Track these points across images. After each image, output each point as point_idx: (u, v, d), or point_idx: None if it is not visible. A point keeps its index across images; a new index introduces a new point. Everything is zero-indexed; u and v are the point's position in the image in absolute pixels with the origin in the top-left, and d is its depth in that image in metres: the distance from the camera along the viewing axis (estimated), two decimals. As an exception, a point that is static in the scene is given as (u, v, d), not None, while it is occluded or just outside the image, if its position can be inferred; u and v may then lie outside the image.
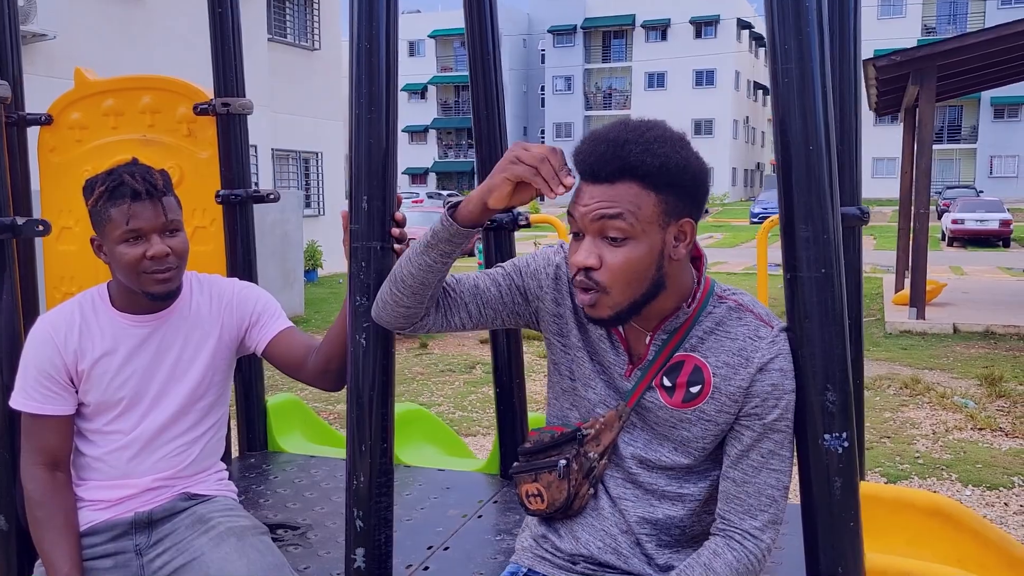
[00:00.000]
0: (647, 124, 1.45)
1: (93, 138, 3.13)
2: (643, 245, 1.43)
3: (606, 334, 1.59)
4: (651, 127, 1.45)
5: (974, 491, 4.82)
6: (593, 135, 1.47)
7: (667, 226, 1.44)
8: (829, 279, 1.50)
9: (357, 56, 1.76)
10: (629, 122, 1.47)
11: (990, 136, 49.08)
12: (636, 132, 1.43)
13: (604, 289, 1.45)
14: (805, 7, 1.48)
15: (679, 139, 1.45)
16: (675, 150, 1.43)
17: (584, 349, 1.60)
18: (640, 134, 1.43)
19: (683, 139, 1.46)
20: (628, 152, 1.41)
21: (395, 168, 1.80)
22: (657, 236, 1.44)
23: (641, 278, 1.45)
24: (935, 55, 9.43)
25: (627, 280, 1.44)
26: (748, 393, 1.49)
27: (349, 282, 1.78)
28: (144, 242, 1.87)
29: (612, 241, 1.43)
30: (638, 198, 1.41)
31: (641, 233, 1.42)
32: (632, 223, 1.41)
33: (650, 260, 1.44)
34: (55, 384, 1.93)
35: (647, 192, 1.41)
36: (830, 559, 1.53)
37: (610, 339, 1.59)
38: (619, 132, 1.44)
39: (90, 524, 1.95)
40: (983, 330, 9.79)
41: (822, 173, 1.49)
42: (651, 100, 56.74)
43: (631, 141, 1.42)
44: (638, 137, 1.42)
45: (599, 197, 1.42)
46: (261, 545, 1.92)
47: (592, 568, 1.62)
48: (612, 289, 1.45)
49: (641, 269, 1.44)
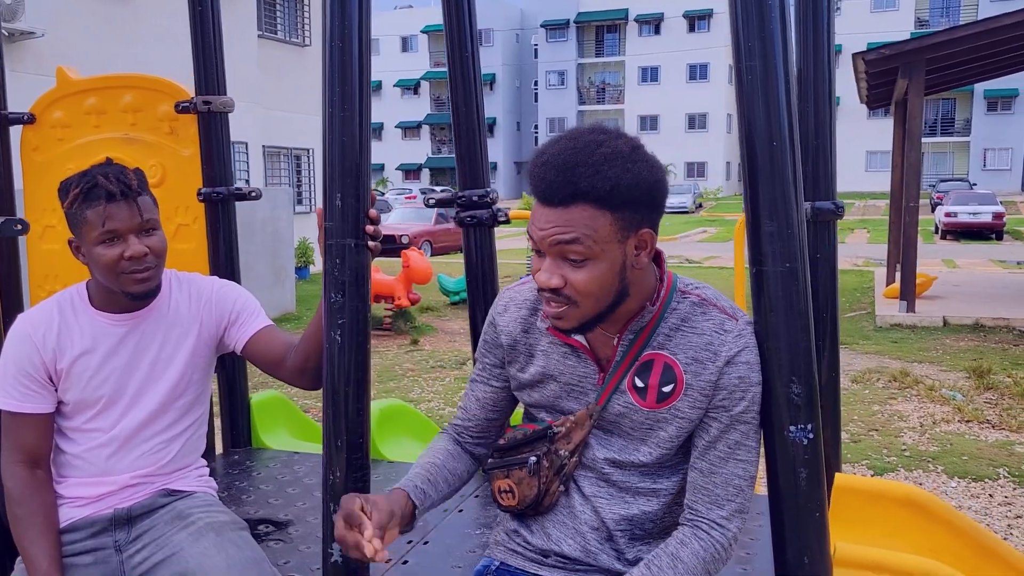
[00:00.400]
0: (596, 140, 1.42)
1: (76, 137, 3.14)
2: (604, 263, 1.44)
3: (570, 352, 1.60)
4: (600, 143, 1.42)
5: (959, 483, 4.86)
6: (543, 157, 1.44)
7: (626, 240, 1.44)
8: (794, 273, 1.52)
9: (330, 55, 1.77)
10: (578, 139, 1.43)
11: (983, 129, 49.21)
12: (584, 153, 1.40)
13: (573, 302, 1.47)
14: (768, 5, 1.50)
15: (628, 153, 1.42)
16: (625, 168, 1.40)
17: (548, 378, 1.63)
18: (588, 155, 1.40)
19: (635, 151, 1.42)
20: (578, 177, 1.39)
21: (368, 166, 1.81)
22: (617, 251, 1.44)
23: (607, 291, 1.47)
24: (923, 48, 9.45)
25: (594, 295, 1.46)
26: (716, 386, 1.51)
27: (324, 279, 1.79)
28: (121, 243, 1.87)
29: (573, 262, 1.43)
30: (593, 220, 1.40)
31: (600, 252, 1.42)
32: (590, 245, 1.41)
33: (613, 274, 1.45)
34: (34, 383, 1.94)
35: (602, 213, 1.40)
36: (796, 549, 1.55)
37: (574, 357, 1.60)
38: (568, 155, 1.41)
39: (70, 521, 1.96)
40: (973, 323, 9.84)
41: (786, 168, 1.51)
42: (644, 94, 56.79)
43: (580, 164, 1.39)
44: (587, 159, 1.40)
45: (554, 222, 1.42)
46: (240, 540, 1.93)
47: (562, 563, 1.63)
48: (582, 304, 1.47)
49: (606, 284, 1.46)
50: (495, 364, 1.72)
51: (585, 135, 1.44)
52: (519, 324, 1.66)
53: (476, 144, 2.62)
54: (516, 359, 1.67)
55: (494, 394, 1.73)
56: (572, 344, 1.59)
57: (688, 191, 43.28)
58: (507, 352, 1.67)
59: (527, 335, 1.65)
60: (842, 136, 48.51)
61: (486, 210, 2.61)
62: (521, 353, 1.66)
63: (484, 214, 2.61)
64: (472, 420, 1.75)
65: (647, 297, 1.54)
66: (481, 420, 1.75)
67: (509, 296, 1.71)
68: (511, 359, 1.67)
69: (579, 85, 59.50)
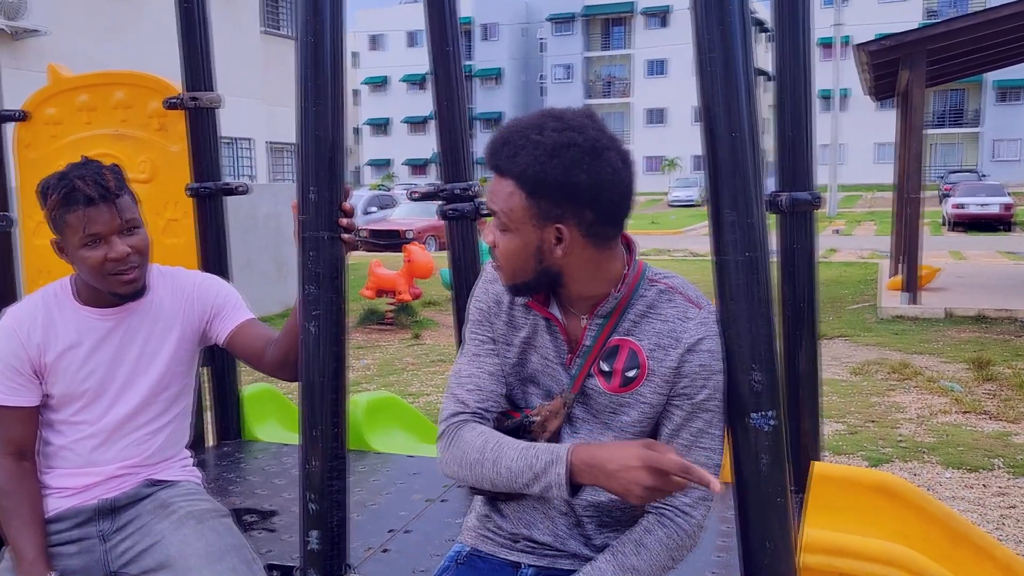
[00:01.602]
0: (539, 126, 1.47)
1: (68, 133, 3.18)
2: (518, 239, 1.51)
3: (547, 327, 1.63)
4: (540, 129, 1.46)
5: (954, 473, 4.86)
6: (500, 127, 1.55)
7: (542, 227, 1.49)
8: (754, 262, 1.54)
9: (303, 50, 1.80)
10: (529, 120, 1.50)
11: (993, 120, 48.91)
12: (518, 134, 1.48)
13: (500, 265, 1.57)
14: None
15: (553, 148, 1.44)
16: (539, 160, 1.44)
17: (529, 348, 1.65)
18: (519, 136, 1.47)
19: (563, 147, 1.44)
20: (501, 154, 1.49)
21: (342, 159, 1.84)
22: (532, 234, 1.50)
23: (523, 267, 1.53)
24: (924, 39, 9.42)
25: (511, 265, 1.55)
26: (678, 373, 1.53)
27: (299, 271, 1.82)
28: (104, 245, 1.90)
29: (500, 226, 1.53)
30: (511, 197, 1.49)
31: (515, 229, 1.51)
32: (505, 221, 1.51)
33: (527, 253, 1.52)
34: (20, 376, 1.97)
35: (520, 192, 1.48)
36: (759, 534, 1.58)
37: (550, 331, 1.63)
38: (506, 132, 1.50)
39: (56, 511, 2.00)
40: (976, 314, 9.81)
41: (745, 159, 1.53)
42: (652, 87, 56.65)
43: (510, 143, 1.48)
44: (515, 139, 1.47)
45: (489, 188, 1.54)
46: (220, 527, 1.96)
47: (531, 546, 1.66)
48: (503, 268, 1.57)
49: (520, 259, 1.53)
50: (495, 333, 1.68)
51: (536, 119, 1.50)
52: (507, 294, 1.67)
53: (459, 137, 2.65)
54: (502, 328, 1.67)
55: (504, 365, 1.67)
56: (549, 318, 1.62)
57: (695, 184, 43.20)
58: (495, 320, 1.67)
59: (513, 306, 1.67)
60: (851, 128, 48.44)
61: (469, 203, 2.64)
62: (506, 324, 1.67)
63: (467, 207, 2.64)
64: (490, 399, 1.64)
65: (613, 283, 1.57)
66: (497, 395, 1.65)
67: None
68: (498, 328, 1.67)
69: (586, 79, 59.40)
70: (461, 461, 1.56)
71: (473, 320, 1.71)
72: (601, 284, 1.56)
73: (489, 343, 1.69)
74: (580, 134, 1.45)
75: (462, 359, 1.69)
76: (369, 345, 9.09)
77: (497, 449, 1.52)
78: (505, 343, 1.67)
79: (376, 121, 64.78)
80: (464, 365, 1.67)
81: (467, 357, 1.68)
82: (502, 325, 1.67)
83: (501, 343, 1.67)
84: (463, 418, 1.61)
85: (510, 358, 1.68)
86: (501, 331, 1.67)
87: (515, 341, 1.66)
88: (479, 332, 1.69)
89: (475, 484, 1.58)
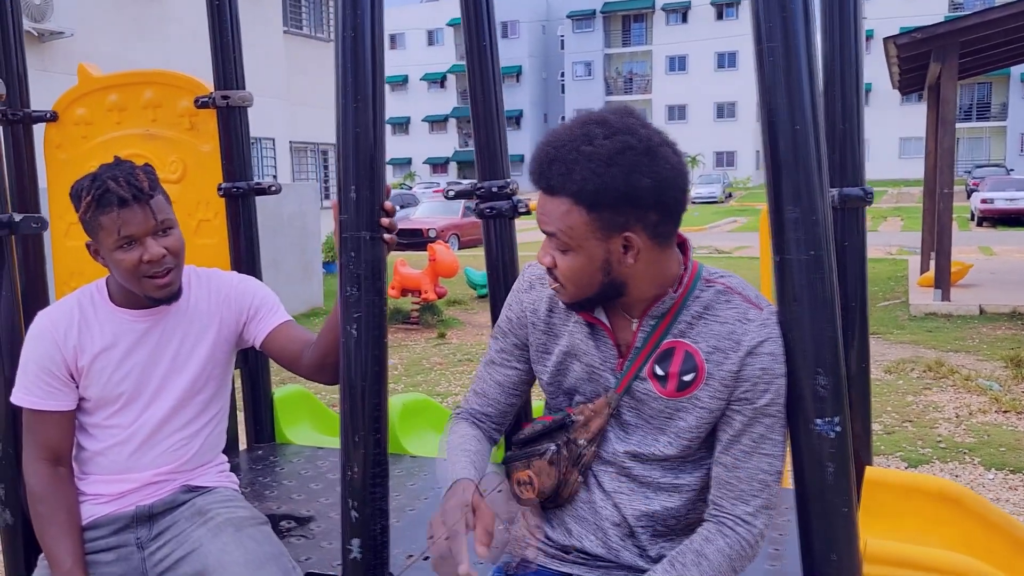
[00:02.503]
0: (587, 135, 1.40)
1: (98, 134, 3.15)
2: (582, 256, 1.45)
3: (590, 334, 1.57)
4: (589, 139, 1.39)
5: (997, 475, 4.75)
6: (539, 144, 1.47)
7: (608, 239, 1.43)
8: (819, 261, 1.47)
9: (342, 46, 1.75)
10: (572, 131, 1.43)
11: (1020, 113, 48.24)
12: (565, 149, 1.41)
13: (561, 284, 1.50)
14: (789, -17, 1.45)
15: (609, 157, 1.38)
16: (596, 172, 1.37)
17: (570, 358, 1.59)
18: (568, 151, 1.40)
19: (619, 153, 1.38)
20: (552, 174, 1.42)
21: (383, 158, 1.79)
22: (597, 248, 1.44)
23: (589, 282, 1.48)
24: (956, 31, 9.26)
25: (575, 282, 1.49)
26: (739, 377, 1.47)
27: (340, 273, 1.77)
28: (139, 246, 1.86)
29: (560, 246, 1.46)
30: (569, 215, 1.42)
31: (578, 247, 1.44)
32: (566, 240, 1.44)
33: (592, 269, 1.46)
34: (55, 380, 1.94)
35: (578, 209, 1.41)
36: (824, 545, 1.51)
37: (595, 337, 1.57)
38: (551, 149, 1.43)
39: (92, 518, 1.97)
40: (1010, 311, 9.63)
41: (809, 153, 1.46)
42: (672, 84, 56.38)
43: (556, 160, 1.41)
44: (565, 155, 1.40)
45: (542, 209, 1.46)
46: (259, 535, 1.92)
47: (583, 559, 1.60)
48: (567, 287, 1.50)
49: (585, 276, 1.47)
50: (517, 345, 1.68)
51: (580, 128, 1.43)
52: (545, 302, 1.63)
53: (495, 134, 2.58)
54: (540, 338, 1.64)
55: (516, 377, 1.70)
56: (595, 323, 1.56)
57: (718, 181, 42.95)
58: (531, 331, 1.65)
59: (551, 315, 1.63)
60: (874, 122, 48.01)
61: (506, 201, 2.57)
62: (544, 332, 1.63)
63: (504, 205, 2.57)
64: (492, 406, 1.72)
65: (668, 284, 1.51)
66: (502, 405, 1.72)
67: (535, 274, 1.68)
68: (535, 339, 1.64)
69: (606, 75, 59.19)
70: (439, 450, 1.70)
71: (500, 327, 1.71)
72: (659, 285, 1.50)
73: (506, 353, 1.69)
74: (632, 136, 1.40)
75: (483, 360, 1.75)
76: (395, 344, 9.06)
77: (453, 449, 1.66)
78: (543, 351, 1.64)
79: (396, 120, 64.91)
80: (481, 368, 1.75)
81: (485, 361, 1.74)
82: (539, 335, 1.64)
83: (538, 352, 1.64)
84: (461, 414, 1.76)
85: (548, 367, 1.63)
86: (538, 340, 1.64)
87: (554, 350, 1.62)
88: (500, 340, 1.70)
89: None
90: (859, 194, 2.25)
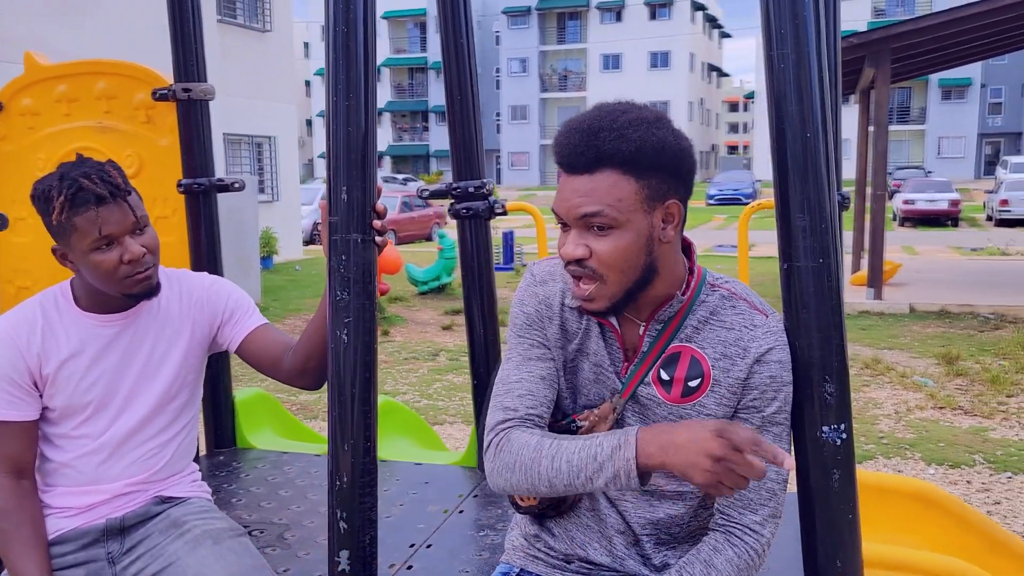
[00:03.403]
0: (620, 108, 1.41)
1: (45, 125, 3.01)
2: (629, 232, 1.40)
3: (600, 333, 1.54)
4: (625, 111, 1.41)
5: (937, 470, 4.90)
6: (567, 125, 1.43)
7: (652, 210, 1.40)
8: (827, 268, 1.47)
9: (333, 40, 1.69)
10: (603, 108, 1.42)
11: (938, 117, 50.06)
12: (609, 119, 1.39)
13: (599, 276, 1.42)
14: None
15: (654, 119, 1.40)
16: (650, 132, 1.38)
17: (581, 356, 1.56)
18: (613, 120, 1.39)
19: (660, 119, 1.41)
20: (602, 140, 1.37)
21: (375, 157, 1.74)
22: (643, 221, 1.40)
23: (633, 264, 1.42)
24: (890, 37, 9.52)
25: (619, 268, 1.41)
26: (746, 385, 1.46)
27: (328, 277, 1.71)
28: (117, 246, 1.77)
29: (598, 230, 1.40)
30: (617, 187, 1.38)
31: (626, 221, 1.39)
32: (614, 216, 1.38)
33: (638, 246, 1.41)
34: (17, 388, 1.84)
35: (627, 179, 1.38)
36: (828, 550, 1.51)
37: (604, 338, 1.54)
38: (592, 120, 1.40)
39: (59, 532, 1.87)
40: (939, 309, 9.97)
41: (819, 160, 1.46)
42: (607, 82, 56.84)
43: (604, 129, 1.38)
44: (611, 124, 1.38)
45: (579, 191, 1.39)
46: (239, 547, 1.85)
47: (587, 568, 1.58)
48: (607, 277, 1.41)
49: (631, 256, 1.41)
50: (545, 338, 1.57)
51: (609, 105, 1.43)
52: (558, 296, 1.57)
53: (471, 134, 2.54)
54: (555, 332, 1.56)
55: (554, 368, 1.56)
56: (605, 324, 1.53)
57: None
58: (547, 324, 1.57)
59: (564, 309, 1.56)
60: (801, 124, 49.04)
61: (482, 201, 2.54)
62: (559, 327, 1.56)
63: (480, 205, 2.54)
64: (543, 403, 1.53)
65: (676, 286, 1.49)
66: (549, 400, 1.54)
67: (546, 268, 1.61)
68: (550, 332, 1.56)
69: (541, 72, 59.38)
70: (514, 465, 1.43)
71: (520, 325, 1.59)
72: (670, 284, 1.48)
73: (539, 347, 1.57)
74: (650, 109, 1.42)
75: (508, 365, 1.57)
76: (337, 342, 8.92)
77: (556, 446, 1.40)
78: (559, 347, 1.57)
79: (329, 113, 63.90)
80: (511, 371, 1.55)
81: (514, 363, 1.56)
82: (556, 330, 1.57)
83: (555, 348, 1.56)
84: (512, 424, 1.49)
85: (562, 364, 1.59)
86: (555, 335, 1.56)
87: (568, 348, 1.57)
88: (528, 336, 1.57)
89: (529, 488, 1.44)
90: (837, 199, 2.27)
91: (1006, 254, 16.44)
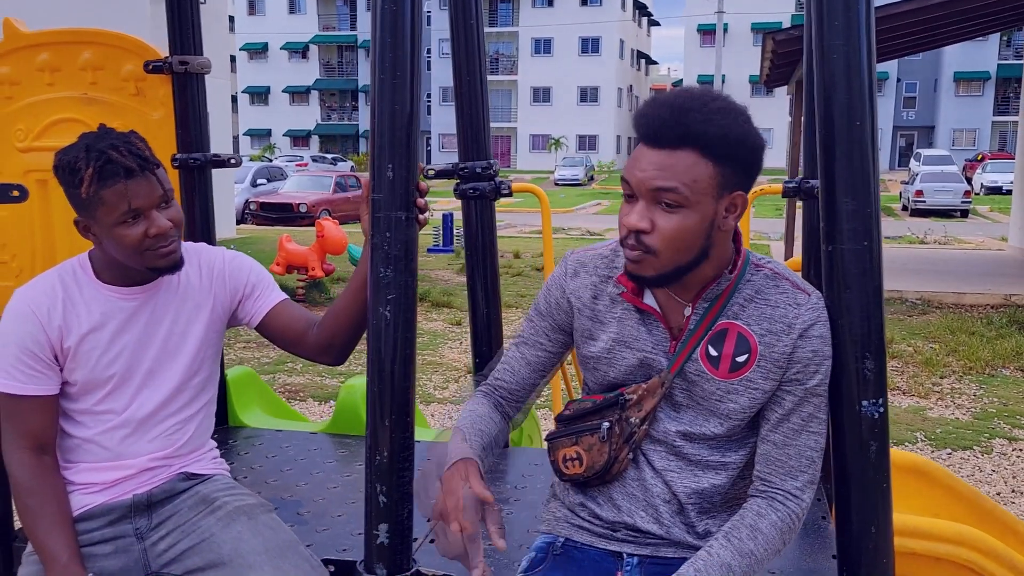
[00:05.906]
0: (711, 94, 1.47)
1: (26, 95, 2.90)
2: (695, 214, 1.45)
3: (640, 320, 1.60)
4: (715, 98, 1.46)
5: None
6: (655, 99, 1.47)
7: (721, 197, 1.46)
8: (869, 251, 1.55)
9: (382, 19, 1.69)
10: (693, 90, 1.47)
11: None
12: (700, 101, 1.44)
13: (654, 252, 1.47)
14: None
15: (741, 112, 1.46)
16: (736, 122, 1.44)
17: (618, 344, 1.62)
18: (704, 103, 1.44)
19: (745, 113, 1.47)
20: (690, 120, 1.42)
21: (418, 135, 1.75)
22: (710, 207, 1.46)
23: (690, 245, 1.47)
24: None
25: (676, 247, 1.46)
26: (791, 359, 1.53)
27: (372, 253, 1.73)
28: (144, 220, 1.75)
29: (667, 206, 1.44)
30: (695, 168, 1.42)
31: (695, 203, 1.44)
32: (686, 195, 1.43)
33: (700, 229, 1.46)
34: (38, 362, 1.80)
35: (705, 162, 1.42)
36: (863, 519, 1.60)
37: (645, 323, 1.60)
38: (683, 99, 1.44)
39: (84, 508, 1.84)
40: (868, 294, 10.34)
41: (867, 147, 1.54)
42: (538, 66, 56.94)
43: (694, 109, 1.43)
44: (701, 106, 1.43)
45: (657, 164, 1.43)
46: (272, 523, 1.86)
47: (633, 536, 1.64)
48: (661, 254, 1.47)
49: (691, 237, 1.46)
50: (553, 328, 1.71)
51: (699, 89, 1.48)
52: (589, 290, 1.64)
53: (479, 113, 2.56)
54: (585, 324, 1.65)
55: (546, 358, 1.74)
56: (645, 310, 1.59)
57: (581, 164, 43.83)
58: (576, 316, 1.66)
59: (596, 301, 1.64)
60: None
61: (488, 182, 2.56)
62: (590, 319, 1.64)
63: (486, 186, 2.56)
64: (517, 383, 1.76)
65: (724, 266, 1.55)
66: (527, 383, 1.76)
67: (579, 260, 1.69)
68: (580, 324, 1.66)
69: (472, 55, 59.01)
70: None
71: (537, 308, 1.73)
72: (718, 266, 1.55)
73: (539, 334, 1.73)
74: (737, 103, 1.47)
75: (513, 341, 1.78)
76: (282, 323, 8.80)
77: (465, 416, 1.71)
78: (587, 337, 1.65)
79: (255, 89, 62.55)
80: (511, 348, 1.78)
81: (515, 342, 1.78)
82: (585, 320, 1.65)
83: (582, 336, 1.66)
84: (479, 388, 1.80)
85: (594, 352, 1.65)
86: (583, 326, 1.66)
87: (600, 337, 1.63)
88: (535, 322, 1.74)
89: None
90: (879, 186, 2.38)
91: (924, 242, 17.15)
